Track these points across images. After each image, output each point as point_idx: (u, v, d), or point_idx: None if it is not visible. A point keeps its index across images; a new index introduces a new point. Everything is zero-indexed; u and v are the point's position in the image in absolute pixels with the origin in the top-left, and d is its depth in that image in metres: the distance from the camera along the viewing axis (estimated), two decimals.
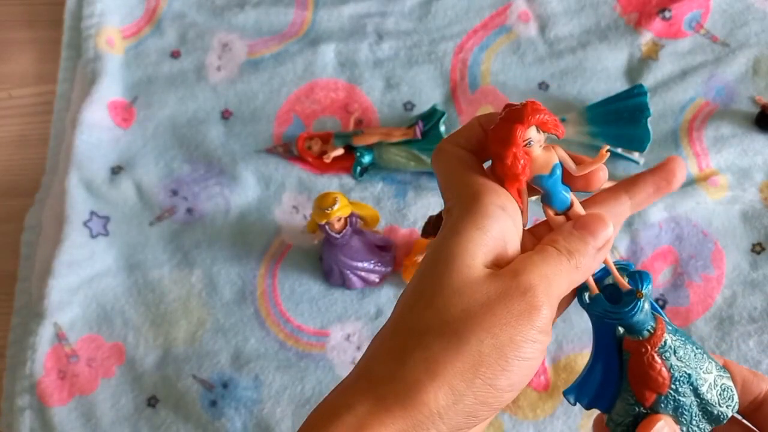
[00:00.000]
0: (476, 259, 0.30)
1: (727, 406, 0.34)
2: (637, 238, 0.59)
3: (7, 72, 0.70)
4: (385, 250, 0.59)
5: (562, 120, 0.62)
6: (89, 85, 0.66)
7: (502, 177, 0.32)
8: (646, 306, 0.33)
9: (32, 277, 0.61)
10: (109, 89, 0.66)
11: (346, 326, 0.58)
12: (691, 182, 0.60)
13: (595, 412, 0.35)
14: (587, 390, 0.35)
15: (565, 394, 0.35)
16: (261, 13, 0.69)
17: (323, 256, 0.59)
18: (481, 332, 0.28)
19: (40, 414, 0.56)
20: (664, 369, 0.33)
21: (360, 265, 0.57)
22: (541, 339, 0.29)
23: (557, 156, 0.32)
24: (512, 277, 0.29)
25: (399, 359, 0.29)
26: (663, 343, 0.33)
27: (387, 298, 0.59)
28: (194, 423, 0.56)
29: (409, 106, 0.65)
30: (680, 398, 0.33)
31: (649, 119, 0.59)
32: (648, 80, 0.64)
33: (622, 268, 0.34)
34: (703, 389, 0.33)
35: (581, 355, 0.56)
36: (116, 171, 0.64)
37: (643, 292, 0.33)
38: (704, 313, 0.57)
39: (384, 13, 0.69)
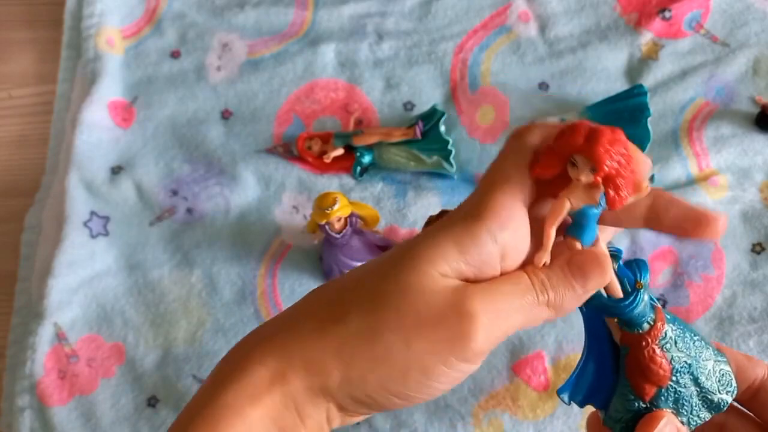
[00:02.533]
0: (437, 268, 0.28)
1: (726, 392, 0.33)
2: (637, 238, 0.59)
3: (7, 72, 0.70)
4: (385, 250, 0.59)
5: (562, 120, 0.62)
6: (89, 85, 0.66)
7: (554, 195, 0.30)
8: (646, 297, 0.31)
9: (32, 277, 0.61)
10: (109, 89, 0.66)
11: None
12: (691, 182, 0.60)
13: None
14: (581, 387, 0.34)
15: (559, 393, 0.34)
16: (261, 13, 0.69)
17: (323, 256, 0.59)
18: (398, 338, 0.28)
19: (40, 414, 0.56)
20: (665, 362, 0.32)
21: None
22: (458, 369, 0.28)
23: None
24: (459, 299, 0.28)
25: (320, 328, 0.29)
26: (663, 335, 0.32)
27: None
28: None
29: (409, 106, 0.65)
30: (681, 390, 0.32)
31: (649, 119, 0.59)
32: (648, 80, 0.64)
33: (613, 255, 0.31)
34: (703, 378, 0.32)
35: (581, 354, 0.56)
36: (116, 171, 0.64)
37: (642, 282, 0.31)
38: (704, 313, 0.57)
39: (384, 13, 0.69)
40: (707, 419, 0.33)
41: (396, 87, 0.66)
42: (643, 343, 0.32)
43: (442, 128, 0.62)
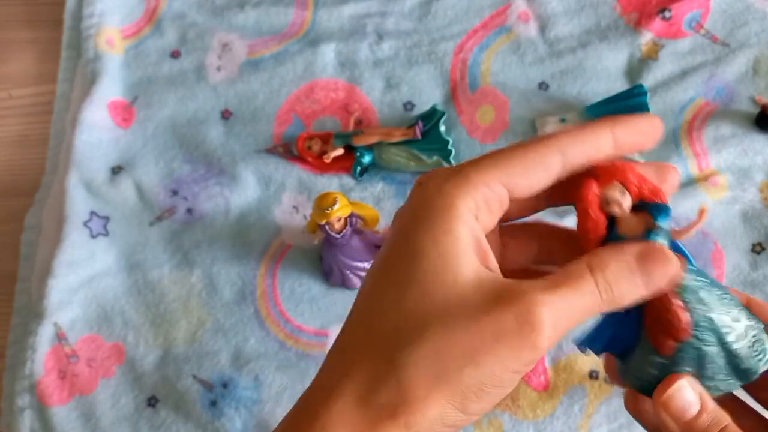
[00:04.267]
0: (472, 260, 0.27)
1: (758, 360, 0.30)
2: None
3: (7, 72, 0.70)
4: None
5: (562, 120, 0.62)
6: (89, 85, 0.66)
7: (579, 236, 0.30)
8: (662, 241, 0.30)
9: (32, 277, 0.61)
10: (109, 89, 0.66)
11: None
12: (691, 182, 0.60)
13: (597, 416, 0.35)
14: (601, 337, 0.32)
15: (576, 342, 0.32)
16: (261, 13, 0.69)
17: (323, 256, 0.59)
18: (464, 359, 0.26)
19: (39, 414, 0.56)
20: (683, 312, 0.29)
21: (360, 265, 0.57)
22: (525, 370, 0.27)
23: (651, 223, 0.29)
24: (525, 307, 0.26)
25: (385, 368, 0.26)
26: (684, 286, 0.30)
27: None
28: (194, 423, 0.56)
29: (409, 106, 0.65)
30: (704, 347, 0.30)
31: None
32: (648, 80, 0.64)
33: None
34: (731, 338, 0.30)
35: (582, 354, 0.56)
36: (116, 171, 0.64)
37: (659, 224, 0.30)
38: None
39: (384, 13, 0.69)
40: (737, 388, 0.31)
41: (396, 87, 0.66)
42: (668, 298, 0.30)
43: (442, 128, 0.62)
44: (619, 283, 0.27)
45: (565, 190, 0.29)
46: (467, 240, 0.27)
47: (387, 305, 0.27)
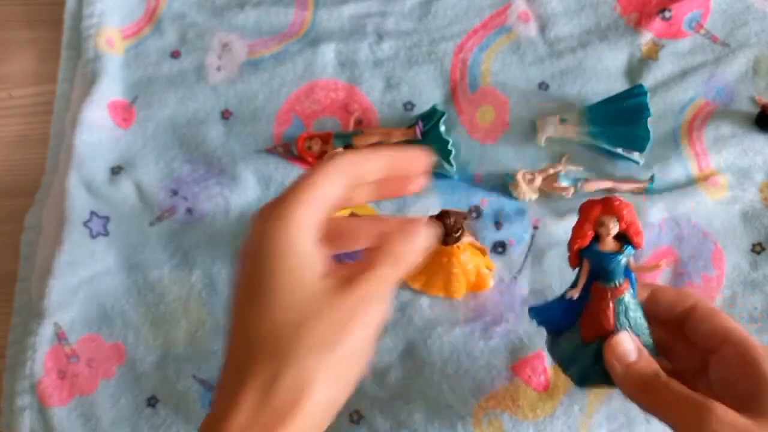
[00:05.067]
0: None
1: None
2: None
3: (7, 72, 0.70)
4: None
5: (563, 120, 0.62)
6: (89, 85, 0.66)
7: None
8: (623, 262, 0.42)
9: (32, 277, 0.61)
10: (109, 89, 0.66)
11: None
12: (691, 182, 0.60)
13: (597, 416, 0.36)
14: (547, 314, 0.45)
15: (529, 313, 0.46)
16: (261, 13, 0.69)
17: None
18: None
19: (39, 414, 0.56)
20: (612, 317, 0.42)
21: None
22: (377, 331, 0.36)
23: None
24: (353, 289, 0.34)
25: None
26: (621, 298, 0.42)
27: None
28: (194, 423, 0.56)
29: (409, 106, 0.65)
30: None
31: (648, 119, 0.59)
32: (648, 80, 0.64)
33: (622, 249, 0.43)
34: None
35: None
36: (116, 171, 0.64)
37: (624, 250, 0.42)
38: None
39: (384, 13, 0.69)
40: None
41: (396, 87, 0.66)
42: (605, 296, 0.42)
43: (442, 128, 0.62)
44: (407, 251, 0.36)
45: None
46: (308, 252, 0.34)
47: (261, 321, 0.34)
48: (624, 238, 0.42)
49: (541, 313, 0.45)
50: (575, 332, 0.43)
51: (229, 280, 0.60)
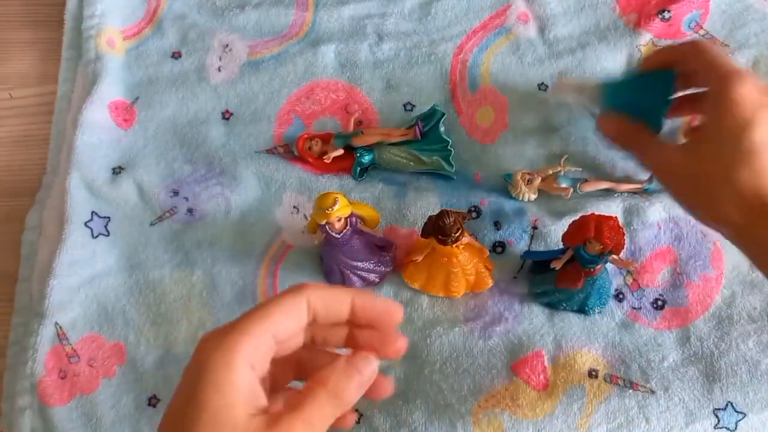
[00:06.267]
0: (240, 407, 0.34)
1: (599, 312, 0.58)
2: (636, 239, 0.59)
3: (8, 72, 0.70)
4: (385, 250, 0.59)
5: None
6: (90, 85, 0.66)
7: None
8: (601, 266, 0.54)
9: (33, 277, 0.61)
10: (110, 90, 0.66)
11: None
12: None
13: (596, 415, 0.36)
14: (536, 256, 0.58)
15: (521, 255, 0.59)
16: (261, 14, 0.69)
17: (323, 256, 0.59)
18: None
19: (40, 414, 0.57)
20: (581, 285, 0.54)
21: (360, 264, 0.57)
22: None
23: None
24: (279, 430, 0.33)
25: None
26: (593, 277, 0.54)
27: (387, 297, 0.59)
28: None
29: (409, 106, 0.65)
30: (580, 295, 0.56)
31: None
32: None
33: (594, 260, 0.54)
34: (591, 300, 0.57)
35: (580, 353, 0.56)
36: (117, 171, 0.64)
37: (605, 255, 0.52)
38: (703, 313, 0.57)
39: (384, 14, 0.69)
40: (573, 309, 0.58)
41: (396, 88, 0.66)
42: (579, 275, 0.54)
43: (442, 128, 0.62)
44: (343, 388, 0.36)
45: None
46: (244, 388, 0.34)
47: None
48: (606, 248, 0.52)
49: (531, 255, 0.59)
50: (551, 276, 0.55)
51: (230, 279, 0.60)
